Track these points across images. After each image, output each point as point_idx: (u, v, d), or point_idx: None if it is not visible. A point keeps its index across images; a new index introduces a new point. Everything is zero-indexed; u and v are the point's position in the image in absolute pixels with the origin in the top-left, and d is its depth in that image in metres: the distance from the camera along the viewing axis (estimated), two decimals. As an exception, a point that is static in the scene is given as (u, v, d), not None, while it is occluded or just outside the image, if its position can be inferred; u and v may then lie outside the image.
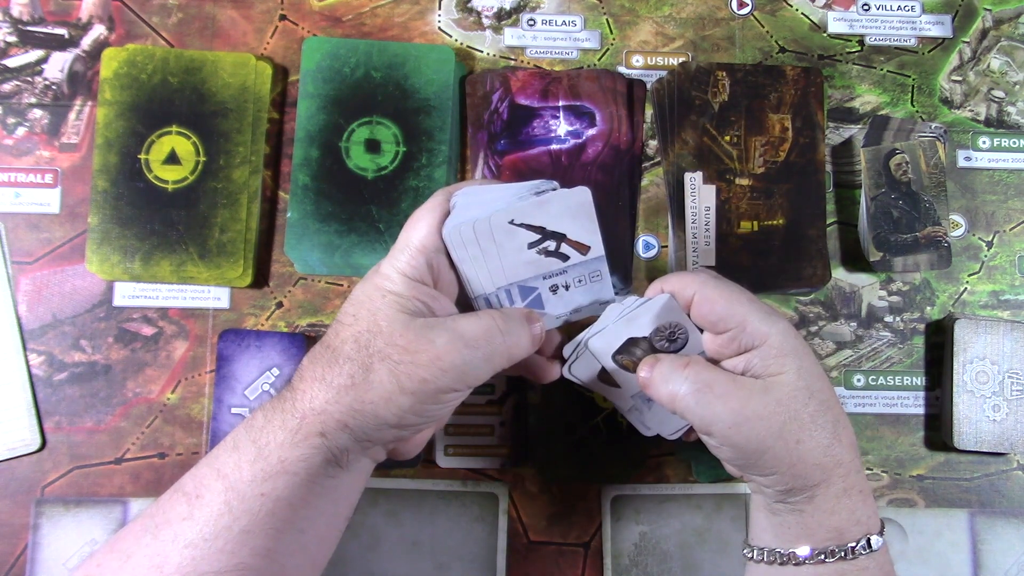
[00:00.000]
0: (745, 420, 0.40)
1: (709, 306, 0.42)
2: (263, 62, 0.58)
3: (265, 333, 0.56)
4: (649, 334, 0.44)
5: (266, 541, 0.38)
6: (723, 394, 0.40)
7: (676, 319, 0.44)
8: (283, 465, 0.38)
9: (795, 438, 0.40)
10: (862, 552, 0.41)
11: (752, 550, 0.44)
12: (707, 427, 0.41)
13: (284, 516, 0.38)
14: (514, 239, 0.43)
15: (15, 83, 0.59)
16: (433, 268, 0.42)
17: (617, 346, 0.44)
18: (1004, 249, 0.60)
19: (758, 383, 0.41)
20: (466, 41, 0.61)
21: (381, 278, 0.41)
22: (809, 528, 0.41)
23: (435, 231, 0.42)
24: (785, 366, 0.41)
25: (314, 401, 0.39)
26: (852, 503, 0.41)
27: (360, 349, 0.40)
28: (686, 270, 0.44)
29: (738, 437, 0.40)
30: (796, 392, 0.40)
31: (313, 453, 0.39)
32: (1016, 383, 0.56)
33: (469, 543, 0.56)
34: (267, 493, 0.38)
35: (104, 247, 0.55)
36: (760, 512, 0.44)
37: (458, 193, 0.43)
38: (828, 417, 0.41)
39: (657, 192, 0.60)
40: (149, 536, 0.38)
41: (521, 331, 0.43)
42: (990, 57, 0.62)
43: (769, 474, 0.41)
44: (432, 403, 0.40)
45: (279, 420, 0.39)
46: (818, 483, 0.41)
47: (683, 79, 0.57)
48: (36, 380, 0.56)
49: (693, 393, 0.41)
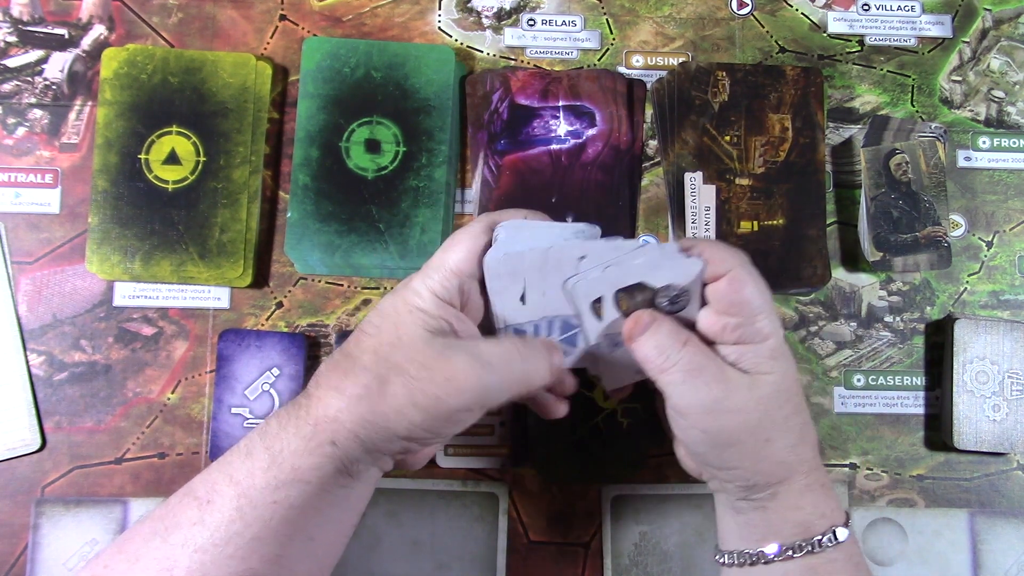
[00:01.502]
0: (725, 410, 0.40)
1: (739, 289, 0.42)
2: (263, 62, 0.58)
3: (265, 333, 0.56)
4: (658, 287, 0.43)
5: (276, 548, 0.38)
6: (711, 380, 0.40)
7: (690, 286, 0.43)
8: (296, 473, 0.38)
9: (765, 436, 0.41)
10: (829, 544, 0.41)
11: (722, 555, 0.44)
12: (685, 408, 0.41)
13: (295, 524, 0.38)
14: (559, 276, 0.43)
15: (15, 83, 0.59)
16: (463, 293, 0.42)
17: (627, 284, 0.43)
18: (1004, 249, 0.60)
19: (745, 378, 0.41)
20: (466, 41, 0.61)
21: (411, 293, 0.42)
22: (774, 525, 0.42)
23: (472, 257, 0.43)
24: (774, 368, 0.41)
25: (328, 409, 0.39)
26: (815, 497, 0.42)
27: (379, 360, 0.40)
28: (727, 245, 0.44)
29: (712, 425, 0.41)
30: (777, 394, 0.41)
31: (325, 462, 0.39)
32: (1016, 383, 0.56)
33: (469, 543, 0.56)
34: (280, 501, 0.38)
35: (104, 247, 0.55)
36: (725, 514, 0.44)
37: (502, 225, 0.44)
38: (798, 420, 0.42)
39: (657, 192, 0.60)
40: (158, 539, 0.38)
41: (541, 360, 0.43)
42: (990, 57, 0.62)
43: (731, 468, 0.41)
44: (444, 420, 0.40)
45: (293, 427, 0.39)
46: (781, 480, 0.42)
47: (683, 79, 0.57)
48: (36, 380, 0.56)
49: (683, 373, 0.41)
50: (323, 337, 0.58)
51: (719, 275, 0.42)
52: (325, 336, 0.58)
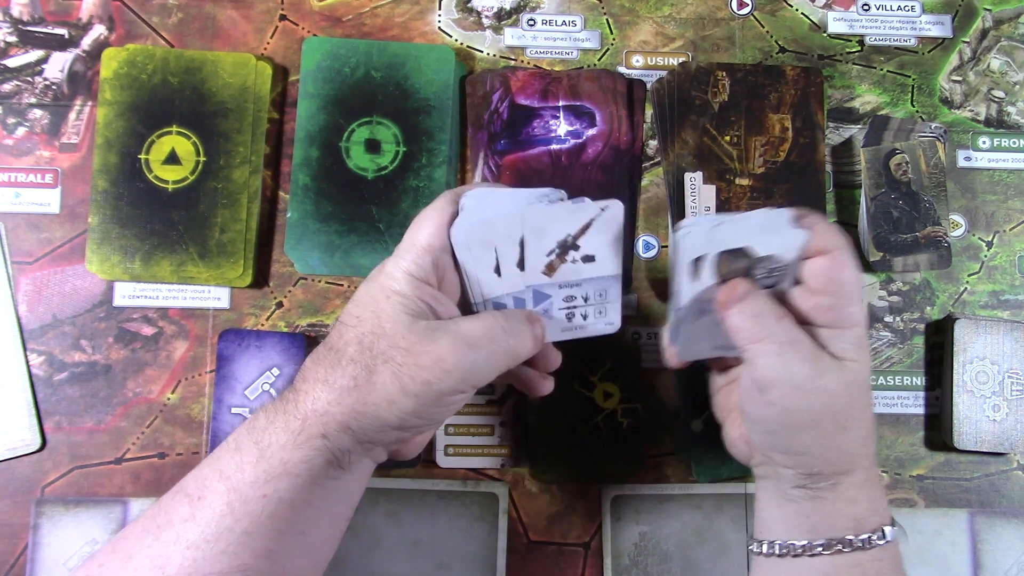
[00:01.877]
0: (813, 389, 0.40)
1: (841, 267, 0.41)
2: (263, 62, 0.58)
3: (265, 333, 0.56)
4: (761, 255, 0.42)
5: (268, 543, 0.38)
6: (805, 357, 0.40)
7: (790, 261, 0.42)
8: (285, 467, 0.38)
9: (844, 424, 0.41)
10: (879, 542, 0.41)
11: (760, 544, 0.44)
12: (773, 382, 0.40)
13: (286, 517, 0.38)
14: (538, 243, 0.42)
15: (15, 83, 0.59)
16: (438, 268, 0.42)
17: (734, 247, 0.43)
18: (1004, 249, 0.60)
19: (835, 361, 0.41)
20: (466, 41, 0.61)
21: (386, 277, 0.41)
22: (829, 516, 0.42)
23: (442, 231, 0.42)
24: (860, 356, 0.41)
25: (316, 403, 0.39)
26: (872, 493, 0.42)
27: (363, 351, 0.40)
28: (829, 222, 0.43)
29: (799, 402, 0.40)
30: (861, 382, 0.41)
31: (315, 455, 0.39)
32: (1016, 383, 0.56)
33: (469, 543, 0.56)
34: (269, 495, 0.38)
35: (104, 247, 0.55)
36: (770, 503, 0.44)
37: (467, 195, 0.43)
38: (870, 413, 0.42)
39: (657, 192, 0.60)
40: (151, 537, 0.38)
41: (524, 330, 0.43)
42: (990, 57, 0.62)
43: (800, 453, 0.41)
44: (435, 405, 0.40)
45: (281, 421, 0.39)
46: (845, 471, 0.41)
47: (683, 79, 0.57)
48: (36, 380, 0.56)
49: (779, 345, 0.40)
50: (323, 337, 0.57)
51: (822, 251, 0.42)
52: (325, 336, 0.57)
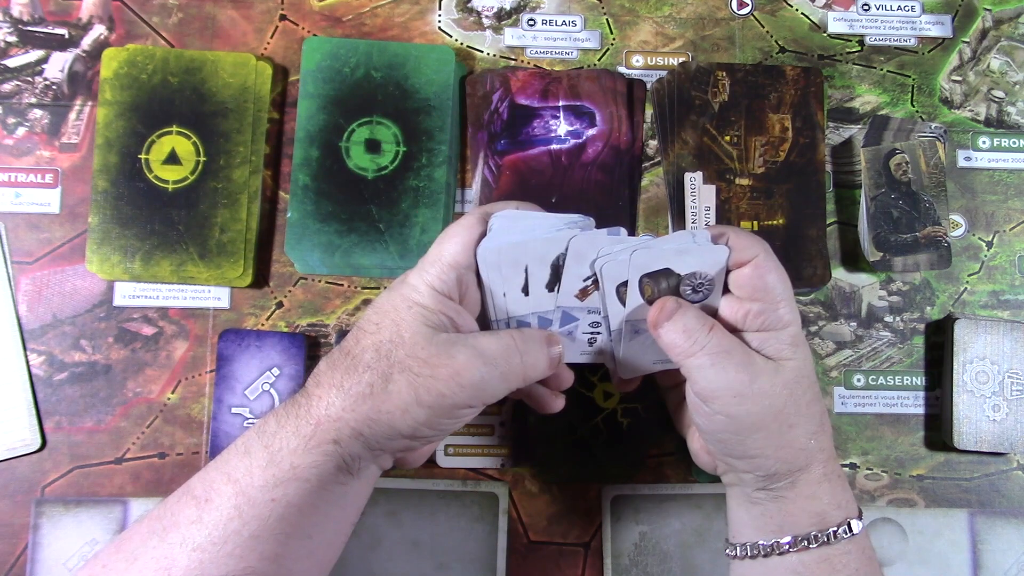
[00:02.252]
0: (752, 394, 0.40)
1: (762, 275, 0.42)
2: (263, 62, 0.58)
3: (265, 333, 0.56)
4: (684, 275, 0.43)
5: (275, 546, 0.38)
6: (738, 364, 0.41)
7: (715, 274, 0.43)
8: (295, 471, 0.38)
9: (789, 422, 0.41)
10: (844, 536, 0.41)
11: (734, 547, 0.44)
12: (712, 392, 0.41)
13: (294, 522, 0.38)
14: (576, 267, 0.43)
15: (15, 83, 0.59)
16: (461, 284, 0.42)
17: (653, 269, 0.44)
18: (1004, 249, 0.60)
19: (770, 363, 0.41)
20: (466, 41, 0.61)
21: (408, 289, 0.42)
22: (791, 515, 0.42)
23: (468, 249, 0.43)
24: (795, 355, 0.42)
25: (330, 408, 0.39)
26: (832, 487, 0.42)
27: (380, 359, 0.40)
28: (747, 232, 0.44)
29: (739, 409, 0.41)
30: (800, 379, 0.42)
31: (325, 460, 0.39)
32: (1016, 383, 0.56)
33: (469, 543, 0.56)
34: (278, 499, 0.38)
35: (104, 247, 0.55)
36: (739, 507, 0.45)
37: (496, 216, 0.44)
38: (817, 408, 0.43)
39: (657, 192, 0.60)
40: (156, 538, 0.38)
41: (539, 352, 0.43)
42: (990, 57, 0.62)
43: (753, 456, 0.42)
44: (447, 417, 0.40)
45: (292, 426, 0.39)
46: (801, 468, 0.42)
47: (683, 79, 0.57)
48: (36, 380, 0.56)
49: (711, 356, 0.41)
50: (323, 337, 0.58)
51: (744, 261, 0.43)
52: (325, 336, 0.58)
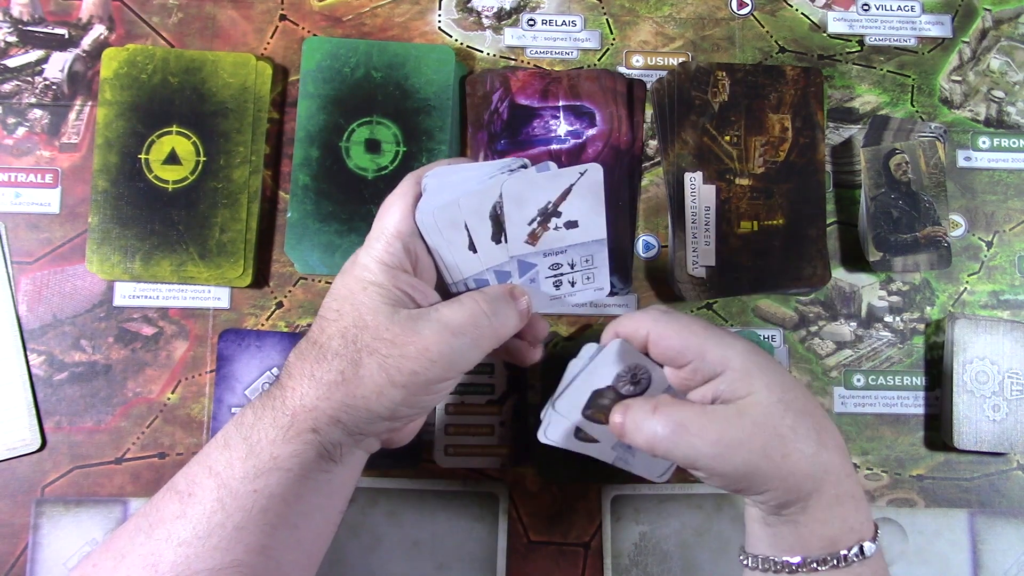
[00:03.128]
0: (727, 449, 0.39)
1: (665, 342, 0.42)
2: (263, 62, 0.58)
3: (265, 333, 0.56)
4: (612, 382, 0.44)
5: (260, 537, 0.38)
6: (699, 429, 0.40)
7: (635, 361, 0.44)
8: (275, 461, 0.38)
9: (780, 453, 0.40)
10: (855, 559, 0.41)
11: (748, 557, 0.44)
12: (691, 463, 0.41)
13: (278, 512, 0.38)
14: (517, 213, 0.42)
15: (15, 83, 0.59)
16: (410, 253, 0.42)
17: (584, 402, 0.44)
18: (1004, 249, 0.60)
19: (730, 409, 0.40)
20: (466, 41, 0.61)
21: (360, 269, 0.41)
22: (803, 538, 0.41)
23: (409, 215, 0.42)
24: (752, 386, 0.40)
25: (305, 398, 0.39)
26: (844, 511, 0.41)
27: (347, 344, 0.39)
28: (637, 310, 0.45)
29: (724, 467, 0.40)
30: (770, 409, 0.40)
31: (305, 448, 0.39)
32: (1016, 383, 0.56)
33: (469, 543, 0.56)
34: (259, 489, 0.38)
35: (104, 247, 0.55)
36: (755, 523, 0.44)
37: (428, 175, 0.43)
38: (808, 425, 0.41)
39: (657, 192, 0.60)
40: (143, 535, 0.38)
41: (507, 310, 0.43)
42: (990, 57, 0.62)
43: (762, 491, 0.41)
44: (424, 394, 0.40)
45: (270, 417, 0.39)
46: (810, 493, 0.41)
47: (683, 79, 0.57)
48: (36, 380, 0.56)
49: (669, 435, 0.40)
50: (323, 337, 0.58)
51: (643, 341, 0.43)
52: (325, 336, 0.58)
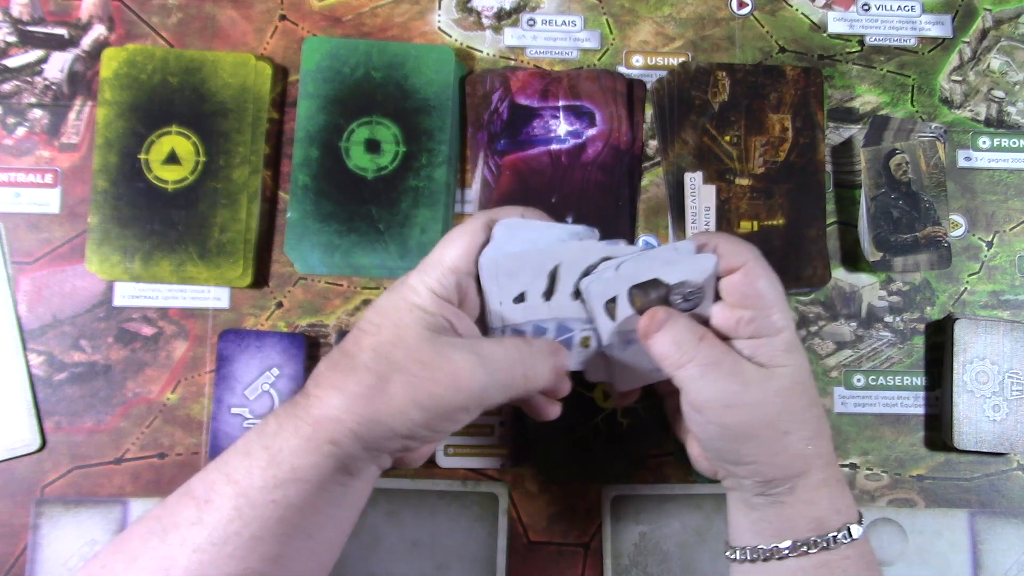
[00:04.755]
0: (744, 404, 0.40)
1: (753, 280, 0.42)
2: (263, 62, 0.58)
3: (265, 333, 0.56)
4: (672, 284, 0.43)
5: (275, 547, 0.38)
6: (729, 373, 0.40)
7: (704, 282, 0.43)
8: (295, 472, 0.38)
9: (783, 429, 0.41)
10: (843, 541, 0.41)
11: (734, 551, 0.44)
12: (703, 403, 0.41)
13: (294, 522, 0.38)
14: (567, 279, 0.43)
15: (15, 83, 0.59)
16: (460, 289, 0.42)
17: (641, 280, 0.43)
18: (1004, 249, 0.60)
19: (762, 371, 0.41)
20: (466, 41, 0.61)
21: (408, 291, 0.41)
22: (790, 520, 0.42)
23: (468, 253, 0.42)
24: (789, 361, 0.41)
25: (329, 409, 0.39)
26: (831, 492, 0.42)
27: (379, 359, 0.39)
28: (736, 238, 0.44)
29: (732, 419, 0.41)
30: (794, 386, 0.41)
31: (325, 461, 0.39)
32: (1016, 383, 0.56)
33: (469, 543, 0.56)
34: (279, 500, 0.38)
35: (104, 247, 0.55)
36: (738, 511, 0.44)
37: (500, 224, 0.43)
38: (814, 413, 0.42)
39: (657, 192, 0.60)
40: (156, 539, 0.38)
41: (544, 363, 0.43)
42: (990, 57, 0.62)
43: (749, 463, 0.41)
44: (443, 420, 0.40)
45: (292, 426, 0.39)
46: (799, 474, 0.41)
47: (683, 79, 0.57)
48: (36, 380, 0.56)
49: (701, 368, 0.41)
50: (323, 337, 0.58)
51: (733, 268, 0.42)
52: (325, 336, 0.58)
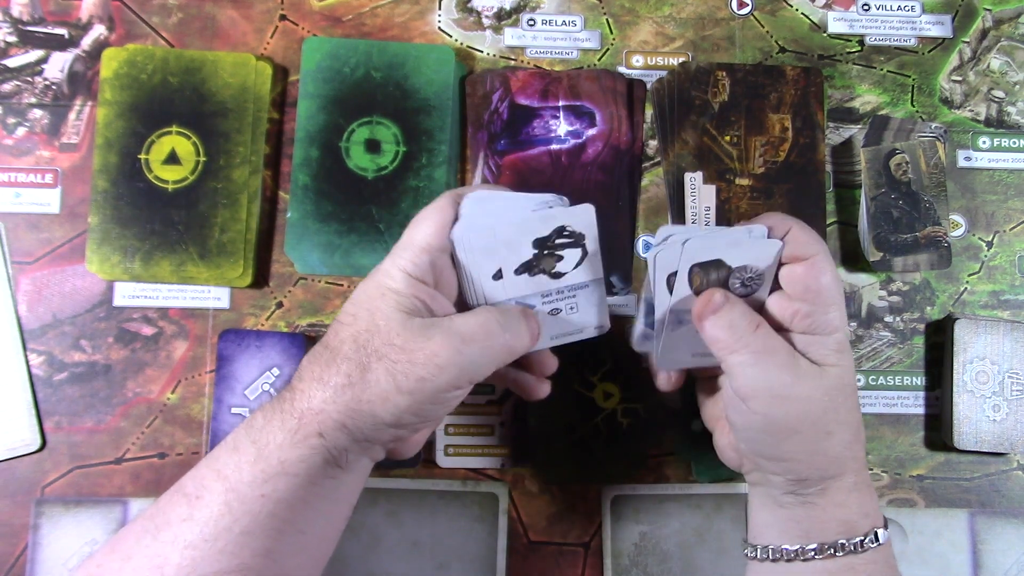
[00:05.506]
0: (793, 396, 0.40)
1: (819, 274, 0.42)
2: (263, 62, 0.58)
3: (265, 333, 0.56)
4: (734, 267, 0.43)
5: (267, 542, 0.38)
6: (781, 364, 0.40)
7: (765, 270, 0.43)
8: (283, 466, 0.38)
9: (826, 429, 0.41)
10: (871, 545, 0.41)
11: (755, 549, 0.44)
12: (752, 391, 0.41)
13: (285, 517, 0.38)
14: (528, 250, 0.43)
15: (15, 83, 0.59)
16: (435, 268, 0.42)
17: (705, 260, 0.43)
18: (1004, 249, 0.60)
19: (813, 367, 0.41)
20: (466, 41, 0.61)
21: (382, 275, 0.42)
22: (820, 521, 0.42)
23: (440, 232, 0.42)
24: (841, 361, 0.41)
25: (312, 401, 0.39)
26: (861, 497, 0.42)
27: (358, 349, 0.40)
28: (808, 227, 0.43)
29: (778, 410, 0.40)
30: (843, 387, 0.41)
31: (312, 454, 0.39)
32: (1016, 383, 0.56)
33: (469, 543, 0.56)
34: (267, 494, 0.38)
35: (104, 247, 0.55)
36: (763, 509, 0.44)
37: (467, 198, 0.43)
38: (855, 417, 0.42)
39: (657, 192, 0.60)
40: (149, 537, 0.38)
41: (519, 325, 0.43)
42: (990, 57, 0.62)
43: (786, 460, 0.41)
44: (430, 402, 0.40)
45: (278, 420, 0.39)
46: (833, 476, 0.41)
47: (683, 79, 0.57)
48: (36, 380, 0.56)
49: (755, 355, 0.41)
50: (323, 337, 0.57)
51: (799, 258, 0.42)
52: (324, 335, 0.57)
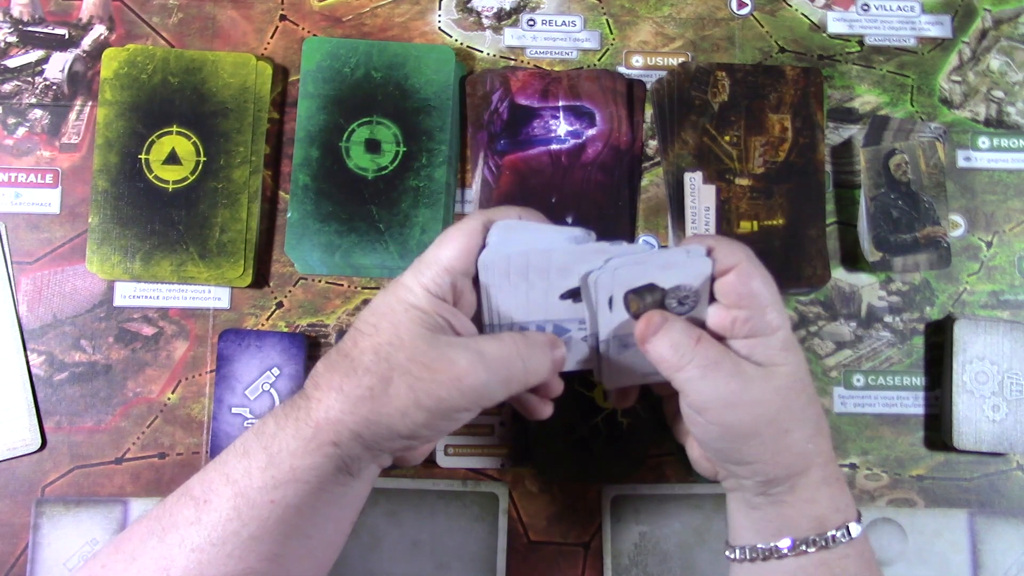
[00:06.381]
0: (744, 403, 0.40)
1: (747, 281, 0.42)
2: (263, 62, 0.58)
3: (265, 333, 0.56)
4: (668, 288, 0.43)
5: (274, 547, 0.38)
6: (729, 373, 0.41)
7: (700, 286, 0.43)
8: (295, 473, 0.38)
9: (784, 427, 0.41)
10: (843, 540, 0.41)
11: (733, 550, 0.44)
12: (704, 404, 0.41)
13: (293, 523, 0.38)
14: (566, 280, 0.43)
15: (15, 83, 0.59)
16: (456, 290, 0.42)
17: (639, 285, 0.43)
18: (1004, 249, 0.60)
19: (760, 370, 0.41)
20: (466, 41, 0.61)
21: (404, 290, 0.41)
22: (791, 519, 0.42)
23: (465, 254, 0.42)
24: (787, 359, 0.42)
25: (330, 411, 0.39)
26: (831, 491, 0.42)
27: (380, 361, 0.39)
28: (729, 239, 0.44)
29: (732, 418, 0.41)
30: (793, 384, 0.41)
31: (325, 462, 0.39)
32: (1016, 383, 0.56)
33: (469, 543, 0.56)
34: (277, 500, 0.38)
35: (104, 247, 0.55)
36: (739, 511, 0.45)
37: (497, 225, 0.43)
38: (813, 410, 0.43)
39: (657, 192, 0.60)
40: (155, 539, 0.38)
41: (542, 357, 0.43)
42: (990, 57, 0.62)
43: (751, 462, 0.41)
44: (444, 420, 0.40)
45: (292, 428, 0.39)
46: (799, 472, 0.42)
47: (683, 79, 0.57)
48: (36, 380, 0.56)
49: (700, 369, 0.41)
50: (323, 337, 0.58)
51: (727, 269, 0.42)
52: (325, 336, 0.58)
